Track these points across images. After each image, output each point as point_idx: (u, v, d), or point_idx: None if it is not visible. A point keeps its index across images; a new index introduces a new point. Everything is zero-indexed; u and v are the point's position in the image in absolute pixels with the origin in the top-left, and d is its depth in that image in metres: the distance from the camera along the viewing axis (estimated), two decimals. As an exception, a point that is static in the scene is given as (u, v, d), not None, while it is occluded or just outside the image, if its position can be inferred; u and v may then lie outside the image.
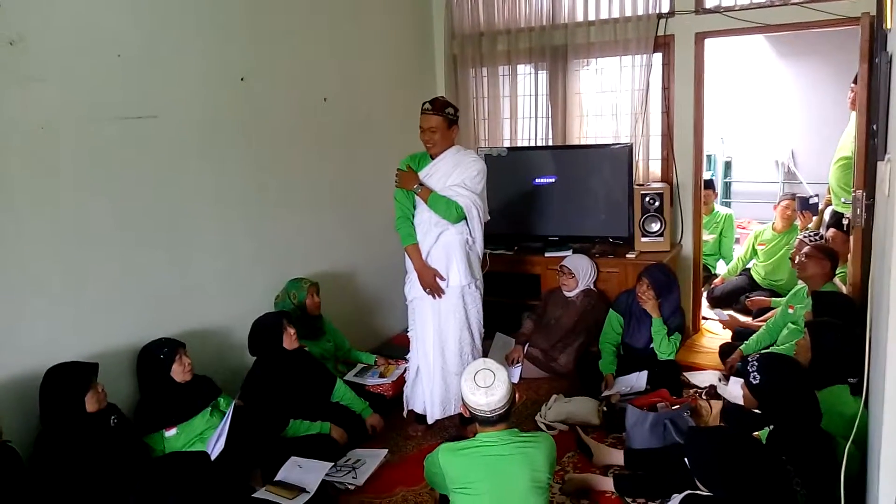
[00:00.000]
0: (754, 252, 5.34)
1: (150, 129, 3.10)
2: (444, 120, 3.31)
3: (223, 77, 3.46)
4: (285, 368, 3.33)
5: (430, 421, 3.48)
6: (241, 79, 3.55)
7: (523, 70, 5.08)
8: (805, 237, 4.40)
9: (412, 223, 3.40)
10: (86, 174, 2.86)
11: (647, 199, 4.46)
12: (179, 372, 2.97)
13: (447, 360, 3.39)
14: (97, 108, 2.89)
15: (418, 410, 3.53)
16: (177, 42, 3.21)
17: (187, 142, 3.29)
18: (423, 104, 3.33)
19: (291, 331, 3.37)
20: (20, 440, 2.51)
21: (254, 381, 3.29)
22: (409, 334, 3.58)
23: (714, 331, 4.87)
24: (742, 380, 2.74)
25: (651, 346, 3.85)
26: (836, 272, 3.85)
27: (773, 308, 4.72)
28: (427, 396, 3.46)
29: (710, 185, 5.84)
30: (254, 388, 3.24)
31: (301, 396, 3.33)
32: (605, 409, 3.53)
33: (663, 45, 4.52)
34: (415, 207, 3.41)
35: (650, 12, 4.46)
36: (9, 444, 2.42)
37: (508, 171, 4.71)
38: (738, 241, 6.09)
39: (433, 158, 3.37)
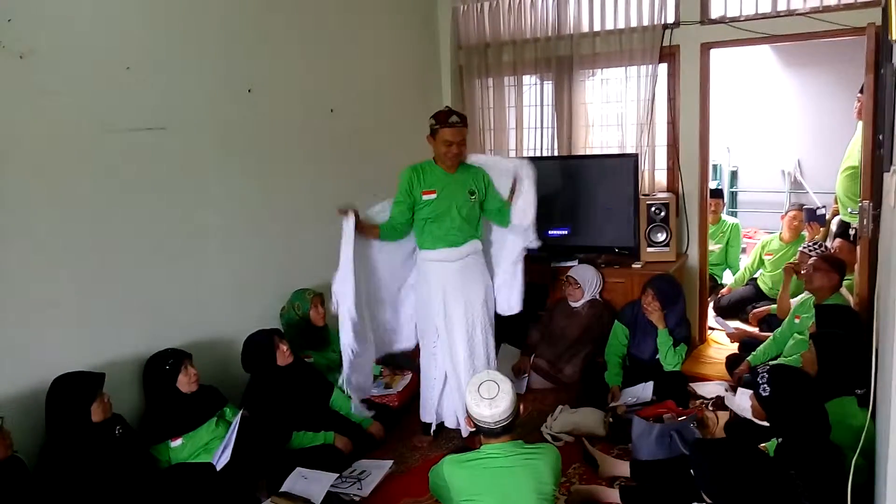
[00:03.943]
0: (761, 262, 5.32)
1: (158, 141, 3.13)
2: (466, 132, 3.32)
3: (231, 89, 3.49)
4: (282, 383, 3.32)
5: (464, 434, 3.44)
6: (249, 90, 3.58)
7: (529, 81, 5.10)
8: (807, 249, 4.38)
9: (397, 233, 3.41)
10: (94, 186, 2.89)
11: (653, 209, 4.46)
12: (185, 382, 2.98)
13: (477, 368, 3.35)
14: (106, 120, 2.92)
15: (450, 425, 3.51)
16: (185, 54, 3.25)
17: (195, 153, 3.32)
18: (449, 117, 3.22)
19: (284, 347, 3.36)
20: (27, 451, 2.52)
21: (252, 397, 3.28)
22: (432, 348, 3.48)
23: (720, 341, 4.85)
24: (749, 391, 2.73)
25: (657, 356, 3.84)
26: (843, 281, 3.84)
27: (773, 315, 4.70)
28: (460, 408, 3.39)
29: (718, 194, 5.83)
30: (254, 404, 3.24)
31: (301, 408, 3.33)
32: (611, 420, 3.51)
33: (669, 55, 4.53)
34: (430, 216, 3.35)
35: (655, 23, 4.47)
36: (16, 455, 2.43)
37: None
38: (744, 250, 6.07)
39: (448, 171, 3.33)
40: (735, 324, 5.03)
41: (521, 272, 3.59)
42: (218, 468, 2.85)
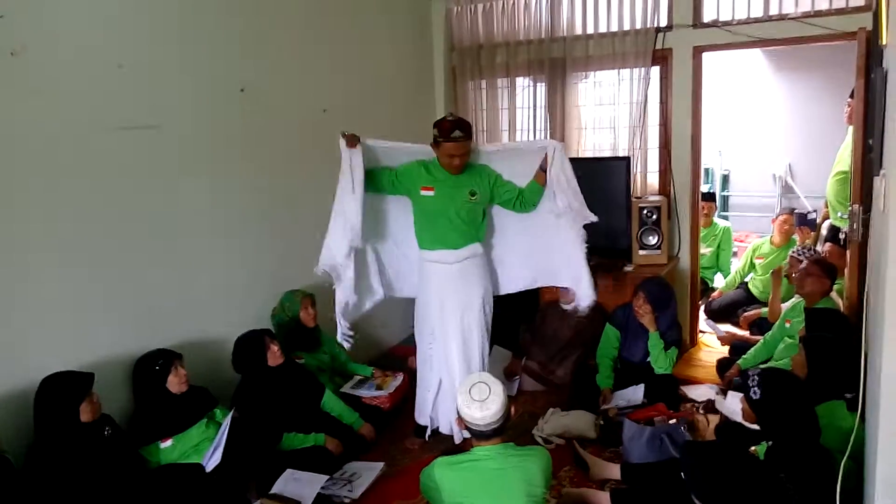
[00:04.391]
0: (752, 266, 5.34)
1: (150, 140, 3.11)
2: (471, 142, 3.28)
3: (223, 88, 3.48)
4: (272, 384, 3.31)
5: (457, 440, 3.43)
6: (242, 90, 3.57)
7: (522, 83, 5.11)
8: (797, 253, 4.40)
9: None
10: (85, 184, 2.87)
11: (645, 211, 4.47)
12: (175, 383, 2.97)
13: (472, 372, 3.34)
14: (98, 118, 2.90)
15: (444, 430, 3.50)
16: (178, 53, 3.23)
17: (187, 153, 3.30)
18: (452, 132, 3.16)
19: (275, 348, 3.35)
20: (15, 451, 2.50)
21: (243, 398, 3.27)
22: (428, 349, 3.47)
23: (711, 345, 4.86)
24: (739, 394, 2.74)
25: (648, 359, 3.84)
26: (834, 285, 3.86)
27: (764, 318, 4.72)
28: (453, 414, 3.40)
29: (711, 197, 5.85)
30: (244, 405, 3.22)
31: (292, 409, 3.32)
32: (602, 422, 3.52)
33: (661, 58, 4.54)
34: (428, 208, 3.34)
35: (648, 26, 4.49)
36: (3, 455, 2.42)
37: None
38: (735, 254, 6.10)
39: (450, 172, 3.30)
40: (726, 327, 5.05)
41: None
42: (208, 469, 2.84)
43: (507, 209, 3.51)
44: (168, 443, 2.89)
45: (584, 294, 3.51)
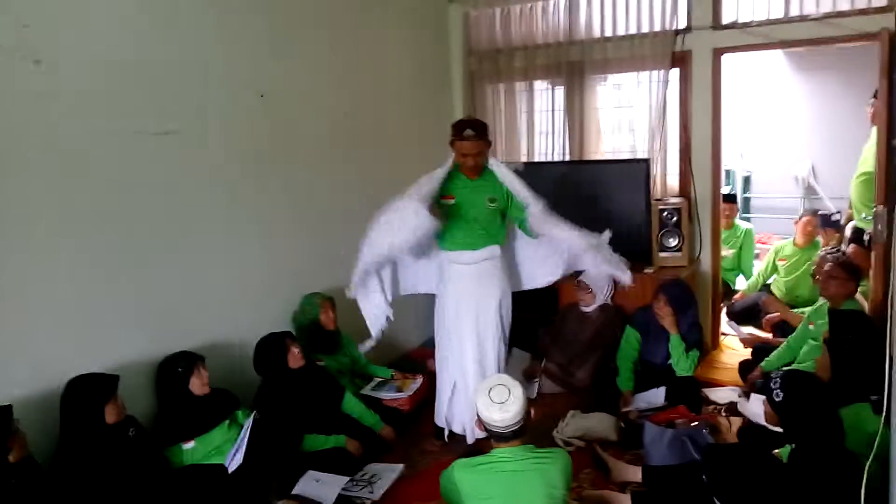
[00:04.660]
0: (775, 268, 5.29)
1: (169, 145, 3.15)
2: (486, 143, 3.30)
3: (243, 93, 3.52)
4: (293, 386, 3.33)
5: (469, 441, 3.43)
6: (262, 95, 3.60)
7: (540, 86, 5.11)
8: (826, 253, 4.35)
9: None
10: (106, 189, 2.91)
11: (665, 213, 4.44)
12: (198, 385, 3.00)
13: (487, 376, 3.34)
14: (118, 123, 2.94)
15: (458, 430, 3.50)
16: (197, 59, 3.27)
17: (206, 157, 3.34)
18: (464, 130, 3.20)
19: (295, 350, 3.37)
20: (42, 452, 2.54)
21: (264, 399, 3.29)
22: (445, 351, 3.48)
23: (733, 347, 4.83)
24: (762, 396, 2.71)
25: (669, 362, 3.82)
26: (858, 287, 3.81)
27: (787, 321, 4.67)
28: (467, 416, 3.40)
29: (731, 199, 5.81)
30: (265, 407, 3.24)
31: (313, 411, 3.34)
32: (623, 425, 3.50)
33: (680, 60, 4.52)
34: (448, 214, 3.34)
35: (667, 28, 4.47)
36: (30, 456, 2.45)
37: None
38: (758, 256, 6.04)
39: (469, 177, 3.32)
40: (748, 329, 5.00)
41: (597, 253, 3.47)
42: (230, 470, 2.86)
43: (517, 226, 3.50)
44: (191, 444, 2.92)
45: (621, 278, 3.50)
